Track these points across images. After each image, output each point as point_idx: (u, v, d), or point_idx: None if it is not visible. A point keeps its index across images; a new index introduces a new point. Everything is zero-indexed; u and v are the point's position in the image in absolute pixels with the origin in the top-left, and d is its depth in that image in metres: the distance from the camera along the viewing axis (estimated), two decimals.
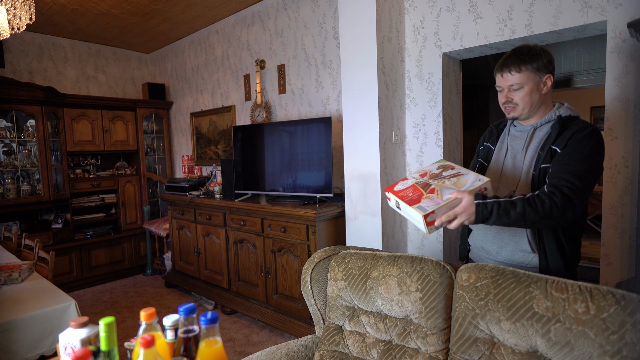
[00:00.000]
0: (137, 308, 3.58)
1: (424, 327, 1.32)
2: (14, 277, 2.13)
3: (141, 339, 0.73)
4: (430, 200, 1.20)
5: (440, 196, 1.20)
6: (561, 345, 1.05)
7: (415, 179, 1.31)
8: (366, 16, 2.36)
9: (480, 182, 1.20)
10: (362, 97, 2.44)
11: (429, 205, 1.18)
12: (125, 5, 3.50)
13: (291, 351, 1.51)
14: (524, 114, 1.37)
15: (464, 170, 1.27)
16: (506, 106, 1.39)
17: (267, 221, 2.89)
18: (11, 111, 3.77)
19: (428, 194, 1.23)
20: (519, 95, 1.34)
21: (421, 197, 1.22)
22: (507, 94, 1.36)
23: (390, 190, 1.32)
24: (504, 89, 1.36)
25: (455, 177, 1.26)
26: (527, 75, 1.31)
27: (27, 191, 3.90)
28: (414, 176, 1.33)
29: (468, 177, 1.24)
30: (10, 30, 2.38)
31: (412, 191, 1.26)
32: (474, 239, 1.51)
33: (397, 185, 1.33)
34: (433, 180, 1.27)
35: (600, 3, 1.91)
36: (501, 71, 1.35)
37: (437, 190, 1.22)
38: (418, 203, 1.20)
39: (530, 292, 1.12)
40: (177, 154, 5.02)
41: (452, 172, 1.29)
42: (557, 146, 1.30)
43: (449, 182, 1.24)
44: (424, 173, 1.33)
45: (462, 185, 1.21)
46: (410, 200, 1.23)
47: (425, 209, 1.17)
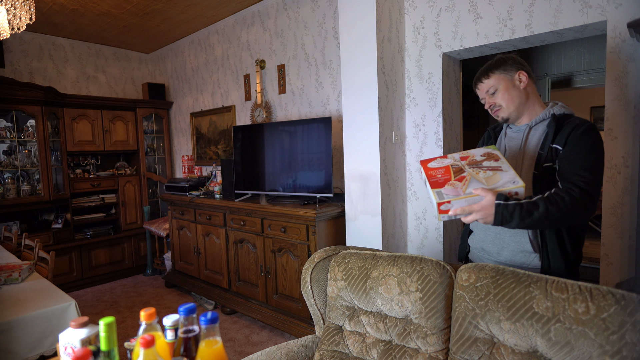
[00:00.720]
0: (137, 308, 3.58)
1: (424, 327, 1.32)
2: (14, 277, 2.13)
3: (141, 339, 0.73)
4: (453, 188, 1.16)
5: (465, 187, 1.15)
6: (561, 345, 1.05)
7: (453, 160, 1.26)
8: (366, 16, 2.36)
9: (513, 185, 1.14)
10: (362, 97, 2.44)
11: (448, 193, 1.15)
12: (125, 5, 3.50)
13: (291, 351, 1.51)
14: (512, 113, 1.41)
15: (505, 166, 1.19)
16: (493, 110, 1.45)
17: (267, 221, 2.89)
18: (11, 111, 3.77)
19: (455, 180, 1.18)
20: (497, 96, 1.41)
21: (446, 182, 1.18)
22: (488, 100, 1.44)
23: (424, 165, 1.27)
24: (484, 97, 1.45)
25: (492, 171, 1.18)
26: (497, 77, 1.40)
27: (27, 191, 3.90)
28: (454, 157, 1.28)
29: (505, 175, 1.17)
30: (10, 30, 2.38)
31: (442, 173, 1.21)
32: (474, 241, 1.51)
33: (433, 161, 1.28)
34: (470, 167, 1.22)
35: (600, 3, 1.91)
36: (475, 85, 1.47)
37: (466, 180, 1.17)
38: (440, 188, 1.17)
39: (530, 292, 1.12)
40: (177, 154, 5.02)
41: (493, 165, 1.21)
42: (557, 144, 1.31)
43: (482, 175, 1.18)
44: (465, 156, 1.27)
45: (494, 182, 1.16)
46: (434, 182, 1.19)
47: (443, 196, 1.14)
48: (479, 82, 1.45)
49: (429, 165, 1.27)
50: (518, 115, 1.42)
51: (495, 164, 1.21)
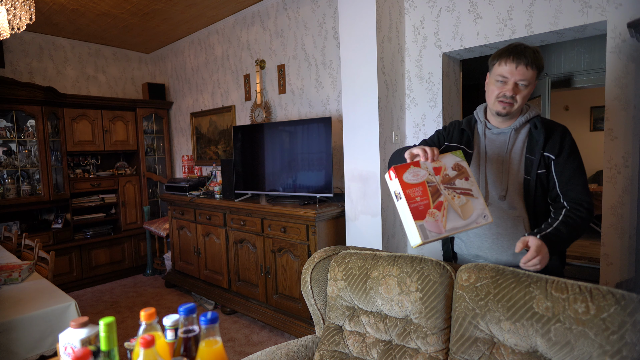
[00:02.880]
0: (137, 308, 3.58)
1: (424, 327, 1.32)
2: (14, 277, 2.13)
3: (141, 339, 0.73)
4: (434, 221, 1.13)
5: (444, 220, 1.13)
6: (561, 345, 1.05)
7: (427, 174, 1.18)
8: (366, 16, 2.36)
9: (484, 221, 1.16)
10: (362, 97, 2.44)
11: (431, 229, 1.12)
12: (125, 5, 3.50)
13: (291, 351, 1.51)
14: (513, 115, 1.35)
15: (475, 190, 1.19)
16: (504, 100, 1.30)
17: (267, 221, 2.89)
18: (11, 111, 3.77)
19: (434, 208, 1.14)
20: (523, 93, 1.29)
21: (426, 212, 1.13)
22: (514, 89, 1.27)
23: (398, 176, 1.16)
24: (510, 82, 1.27)
25: (465, 196, 1.17)
26: (535, 75, 1.28)
27: (27, 191, 3.90)
28: (428, 167, 1.19)
29: (476, 204, 1.17)
30: (10, 30, 2.38)
31: (420, 195, 1.14)
32: (468, 247, 1.46)
33: (408, 172, 1.17)
34: (445, 187, 1.17)
35: (600, 3, 1.91)
36: (517, 61, 1.25)
37: (444, 208, 1.14)
38: (421, 220, 1.12)
39: (530, 292, 1.12)
40: (177, 154, 5.02)
41: (465, 186, 1.19)
42: (549, 153, 1.31)
43: (457, 201, 1.16)
44: (438, 168, 1.20)
45: (468, 213, 1.15)
46: (415, 209, 1.13)
47: (427, 235, 1.11)
48: (524, 64, 1.25)
49: (405, 178, 1.16)
50: (513, 116, 1.37)
51: (466, 185, 1.20)
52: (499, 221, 1.35)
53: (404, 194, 1.14)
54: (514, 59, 1.25)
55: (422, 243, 1.11)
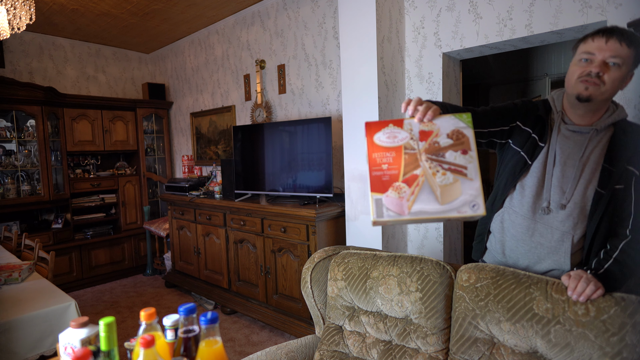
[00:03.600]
0: (137, 308, 3.58)
1: (424, 327, 1.32)
2: (14, 277, 2.13)
3: (141, 339, 0.73)
4: (398, 198, 0.90)
5: (413, 199, 0.89)
6: (561, 346, 1.05)
7: (410, 136, 0.93)
8: (366, 16, 2.36)
9: (471, 212, 0.89)
10: (362, 97, 2.44)
11: (390, 207, 0.90)
12: (125, 5, 3.50)
13: (291, 351, 1.51)
14: (599, 102, 1.11)
15: (472, 169, 0.91)
16: (588, 79, 1.07)
17: (267, 221, 2.89)
18: (11, 111, 3.77)
19: (404, 182, 0.90)
20: (613, 74, 1.06)
21: (390, 185, 0.91)
22: (601, 66, 1.06)
23: (369, 134, 0.95)
24: (598, 59, 1.07)
25: (454, 174, 0.90)
26: (631, 56, 1.06)
27: (27, 191, 3.90)
28: (413, 129, 0.94)
29: (467, 187, 0.89)
30: (10, 30, 2.38)
31: (389, 162, 0.92)
32: (500, 246, 1.32)
33: (384, 130, 0.94)
34: (429, 156, 0.92)
35: (600, 3, 1.91)
36: (608, 36, 1.06)
37: (417, 184, 0.90)
38: (380, 193, 0.91)
39: (531, 294, 1.12)
40: (177, 154, 5.02)
41: (459, 162, 0.91)
42: (635, 167, 1.11)
43: (439, 179, 0.90)
44: (428, 133, 0.94)
45: (450, 197, 0.89)
46: (376, 178, 0.92)
47: (382, 213, 0.91)
48: (614, 38, 1.05)
49: (376, 138, 0.94)
50: (596, 108, 1.14)
51: (461, 161, 0.91)
52: (544, 231, 1.20)
53: (368, 158, 0.94)
54: (603, 35, 1.06)
55: (375, 222, 0.92)
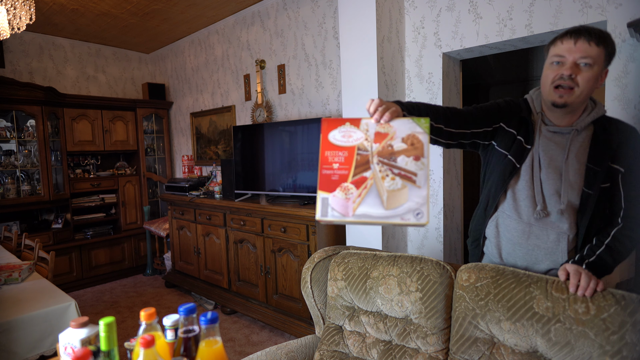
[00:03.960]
0: (137, 308, 3.58)
1: (424, 327, 1.32)
2: (14, 277, 2.13)
3: (141, 339, 0.73)
4: (344, 198, 0.89)
5: (359, 201, 0.88)
6: (561, 345, 1.05)
7: (365, 137, 0.93)
8: (366, 16, 2.36)
9: (414, 220, 0.86)
10: (362, 97, 2.44)
11: (335, 207, 0.89)
12: (125, 5, 3.50)
13: (291, 351, 1.50)
14: (576, 105, 1.11)
15: (421, 177, 0.89)
16: (562, 84, 1.08)
17: (267, 221, 2.89)
18: (11, 111, 3.77)
19: (352, 183, 0.90)
20: (586, 74, 1.06)
21: (339, 185, 0.90)
22: (573, 68, 1.06)
23: (324, 132, 0.96)
24: (569, 61, 1.06)
25: (403, 180, 0.88)
26: (602, 54, 1.06)
27: (27, 191, 3.90)
28: (369, 129, 0.94)
29: (414, 194, 0.87)
30: (10, 30, 2.38)
31: (341, 162, 0.92)
32: (497, 250, 1.31)
33: (340, 129, 0.95)
34: (380, 159, 0.90)
35: (600, 3, 1.91)
36: (576, 37, 1.06)
37: (365, 187, 0.89)
38: (328, 192, 0.90)
39: (531, 292, 1.12)
40: (177, 154, 5.02)
41: (409, 168, 0.89)
42: (619, 165, 1.12)
43: (388, 183, 0.89)
44: (383, 135, 0.92)
45: (395, 203, 0.88)
46: (325, 177, 0.91)
47: (327, 212, 0.89)
48: (586, 40, 1.05)
49: (331, 136, 0.95)
50: (573, 110, 1.14)
51: (412, 167, 0.89)
52: (540, 233, 1.20)
53: (320, 155, 0.94)
54: (571, 36, 1.07)
55: (319, 220, 0.90)
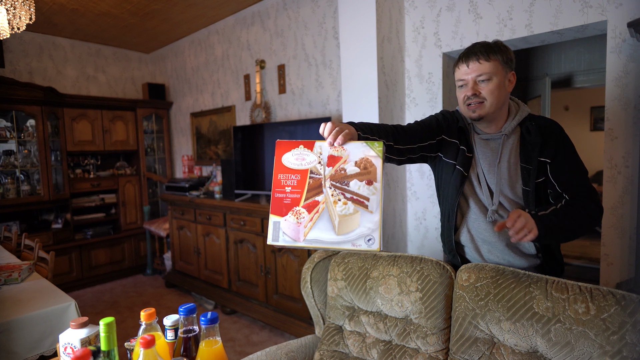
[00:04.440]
0: (137, 308, 3.58)
1: (424, 327, 1.32)
2: (14, 277, 2.13)
3: (141, 339, 0.73)
4: (296, 223, 0.88)
5: (310, 226, 0.87)
6: (561, 345, 1.05)
7: (318, 160, 0.92)
8: (366, 16, 2.35)
9: (366, 246, 0.87)
10: (362, 97, 2.44)
11: (286, 231, 0.88)
12: (125, 5, 3.50)
13: (291, 351, 1.50)
14: (490, 115, 1.21)
15: (373, 202, 0.88)
16: (471, 102, 1.19)
17: (267, 221, 2.89)
18: (11, 111, 3.77)
19: (304, 207, 0.89)
20: (487, 87, 1.17)
21: (291, 209, 0.89)
22: (474, 87, 1.18)
23: (278, 154, 0.93)
24: (469, 81, 1.19)
25: (355, 204, 0.88)
26: (497, 65, 1.16)
27: (27, 191, 3.90)
28: (322, 152, 0.93)
29: (365, 219, 0.87)
30: (10, 30, 2.38)
31: (294, 185, 0.90)
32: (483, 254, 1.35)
33: (293, 152, 0.94)
34: (333, 183, 0.89)
35: (601, 3, 1.91)
36: (466, 61, 1.18)
37: (317, 212, 0.88)
38: (279, 216, 0.89)
39: (531, 292, 1.12)
40: (177, 154, 5.02)
41: (362, 192, 0.88)
42: (546, 157, 1.21)
43: (339, 208, 0.88)
44: (336, 158, 0.92)
45: (346, 229, 0.87)
46: (278, 200, 0.90)
47: (278, 237, 0.88)
48: (475, 59, 1.17)
49: (284, 159, 0.93)
50: (493, 118, 1.24)
51: (364, 191, 0.88)
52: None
53: (273, 178, 0.93)
54: (463, 60, 1.20)
55: (271, 245, 0.90)
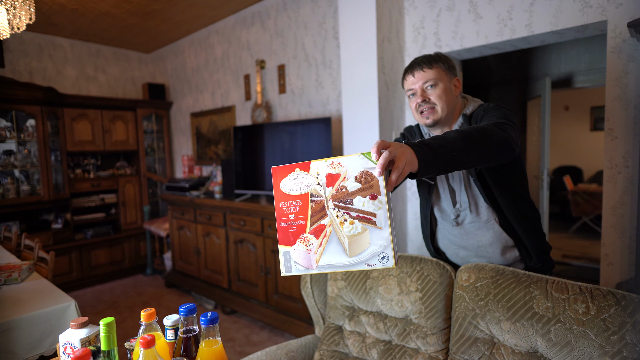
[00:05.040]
0: (137, 308, 3.58)
1: (424, 327, 1.32)
2: (14, 277, 2.13)
3: (141, 339, 0.73)
4: (306, 251, 0.85)
5: (321, 251, 0.84)
6: (561, 345, 1.05)
7: (316, 181, 0.85)
8: (366, 16, 2.35)
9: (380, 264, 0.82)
10: (362, 97, 2.44)
11: (298, 260, 0.85)
12: (125, 5, 3.50)
13: (291, 351, 1.50)
14: (443, 118, 1.26)
15: (381, 217, 0.82)
16: (423, 109, 1.26)
17: (267, 221, 2.89)
18: (11, 111, 3.77)
19: (311, 233, 0.85)
20: (435, 92, 1.24)
21: (298, 237, 0.85)
22: (423, 94, 1.25)
23: (275, 181, 0.87)
24: (417, 89, 1.26)
25: (362, 223, 0.82)
26: (440, 72, 1.24)
27: (27, 191, 3.90)
28: (319, 173, 0.85)
29: (376, 236, 0.82)
30: (10, 30, 2.38)
31: (297, 211, 0.86)
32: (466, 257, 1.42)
33: (290, 177, 0.87)
34: (336, 204, 0.83)
35: (601, 3, 1.91)
36: (412, 71, 1.27)
37: (325, 236, 0.84)
38: (289, 245, 0.86)
39: (531, 293, 1.12)
40: (177, 154, 5.02)
41: (367, 209, 0.83)
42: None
43: (347, 228, 0.83)
44: (335, 176, 0.85)
45: (358, 249, 0.83)
46: (284, 230, 0.86)
47: (291, 267, 0.86)
48: (419, 69, 1.25)
49: (283, 186, 0.87)
50: (446, 123, 1.29)
51: (369, 207, 0.83)
52: (477, 232, 1.33)
53: (275, 208, 0.88)
54: (409, 71, 1.28)
55: (284, 275, 0.88)
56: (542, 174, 3.66)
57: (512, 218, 1.26)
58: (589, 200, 5.03)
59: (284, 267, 0.86)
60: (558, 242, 4.85)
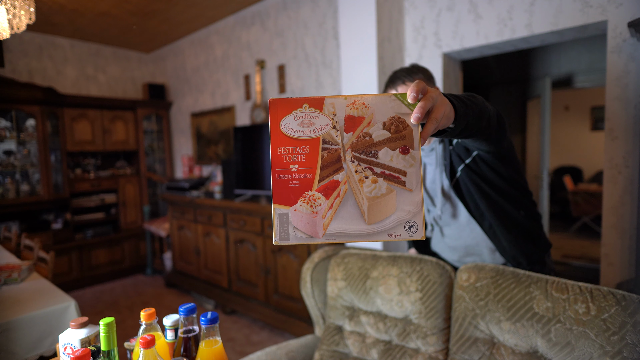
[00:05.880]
0: (137, 308, 3.58)
1: (424, 327, 1.32)
2: (14, 277, 2.13)
3: (141, 339, 0.73)
4: (309, 214, 0.64)
5: (331, 216, 0.64)
6: (561, 345, 1.05)
7: (331, 125, 0.64)
8: (366, 16, 2.35)
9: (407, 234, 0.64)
10: None
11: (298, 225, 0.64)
12: (125, 5, 3.50)
13: (291, 351, 1.50)
14: None
15: (412, 175, 0.64)
16: None
17: (267, 221, 2.89)
18: (11, 111, 3.77)
19: (319, 191, 0.64)
20: None
21: (301, 195, 0.64)
22: None
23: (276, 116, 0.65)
24: None
25: (388, 181, 0.64)
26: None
27: (27, 191, 3.90)
28: (336, 114, 0.65)
29: (405, 199, 0.64)
30: (10, 30, 2.38)
31: (302, 160, 0.64)
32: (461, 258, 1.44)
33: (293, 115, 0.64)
34: (356, 155, 0.64)
35: (601, 3, 1.91)
36: (393, 86, 1.28)
37: (337, 196, 0.64)
38: (287, 205, 0.64)
39: (531, 293, 1.12)
40: (177, 154, 5.02)
41: (395, 164, 0.64)
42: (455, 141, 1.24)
43: (367, 188, 0.64)
44: (359, 118, 0.64)
45: (380, 215, 0.64)
46: (282, 184, 0.64)
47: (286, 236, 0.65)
48: (399, 83, 1.26)
49: (284, 125, 0.65)
50: None
51: (400, 163, 0.64)
52: (463, 234, 1.33)
53: (271, 153, 0.65)
54: (390, 85, 1.28)
55: (277, 244, 0.66)
56: (542, 174, 3.66)
57: (495, 224, 1.23)
58: (589, 200, 5.04)
59: (278, 232, 0.65)
60: (558, 242, 4.85)
